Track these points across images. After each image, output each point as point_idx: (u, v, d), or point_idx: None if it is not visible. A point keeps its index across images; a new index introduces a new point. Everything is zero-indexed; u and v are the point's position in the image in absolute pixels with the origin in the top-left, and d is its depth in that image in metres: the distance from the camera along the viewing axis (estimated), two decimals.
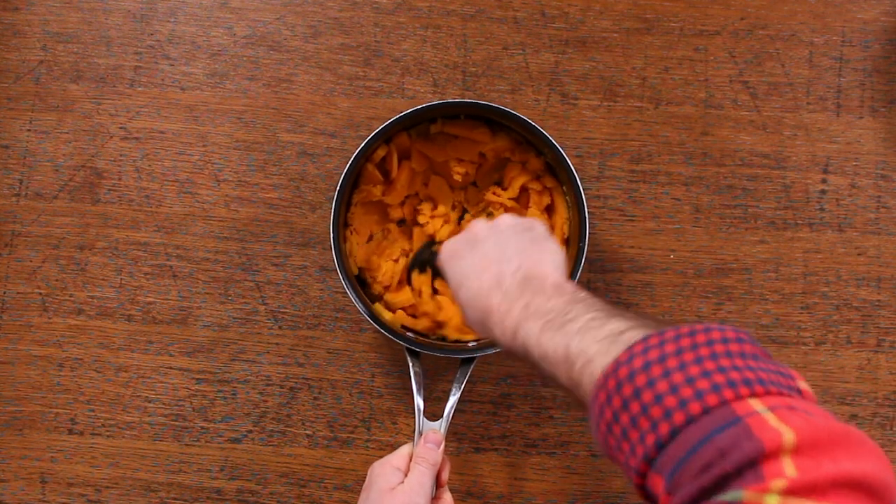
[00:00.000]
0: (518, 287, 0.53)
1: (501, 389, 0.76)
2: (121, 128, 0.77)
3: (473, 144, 0.74)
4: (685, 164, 0.77)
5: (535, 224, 0.60)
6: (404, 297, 0.73)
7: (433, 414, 0.66)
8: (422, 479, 0.61)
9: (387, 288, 0.74)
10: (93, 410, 0.75)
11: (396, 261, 0.74)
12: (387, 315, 0.72)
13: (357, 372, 0.76)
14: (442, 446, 0.64)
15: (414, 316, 0.73)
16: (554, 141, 0.68)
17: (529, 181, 0.74)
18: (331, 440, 0.75)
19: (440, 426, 0.66)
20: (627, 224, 0.77)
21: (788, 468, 0.34)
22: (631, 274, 0.76)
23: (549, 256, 0.57)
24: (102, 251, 0.76)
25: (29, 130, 0.77)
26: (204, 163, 0.77)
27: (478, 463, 0.76)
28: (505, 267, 0.55)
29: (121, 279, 0.76)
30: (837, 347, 0.76)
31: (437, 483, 0.64)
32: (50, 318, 0.76)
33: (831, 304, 0.76)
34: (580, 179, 0.68)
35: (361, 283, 0.74)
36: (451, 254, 0.60)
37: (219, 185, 0.77)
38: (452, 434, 0.75)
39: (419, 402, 0.66)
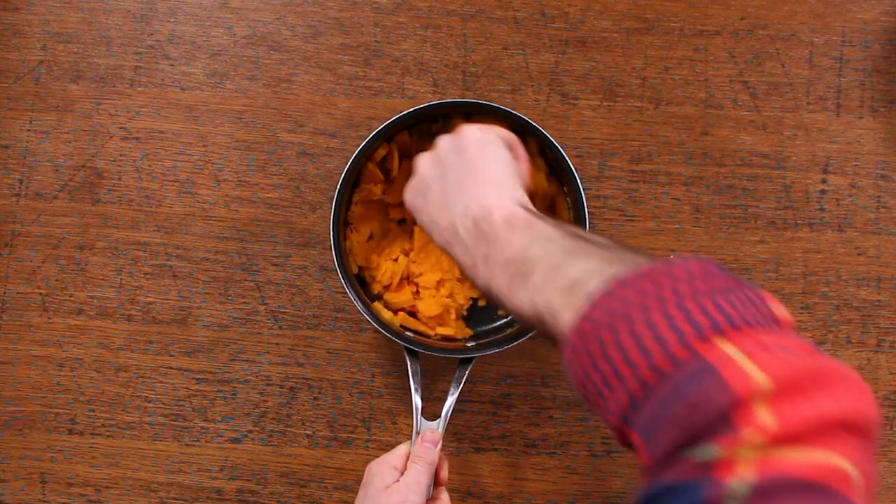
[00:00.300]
0: (472, 234, 0.50)
1: (501, 389, 0.76)
2: (121, 128, 0.77)
3: None
4: (685, 164, 0.77)
5: (465, 143, 0.54)
6: (404, 297, 0.73)
7: (432, 414, 0.66)
8: (418, 477, 0.61)
9: (386, 287, 0.74)
10: (93, 410, 0.75)
11: (396, 260, 0.74)
12: (386, 314, 0.72)
13: (357, 372, 0.76)
14: (439, 445, 0.64)
15: (413, 315, 0.73)
16: (554, 141, 0.68)
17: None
18: (331, 440, 0.75)
19: (438, 426, 0.66)
20: (627, 224, 0.77)
21: (765, 416, 0.32)
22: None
23: (489, 177, 0.52)
24: (102, 251, 0.76)
25: (29, 130, 0.77)
26: (204, 163, 0.77)
27: (478, 463, 0.76)
28: (454, 214, 0.52)
29: (121, 279, 0.76)
30: (837, 347, 0.76)
31: (436, 482, 0.64)
32: (50, 318, 0.76)
33: (831, 304, 0.76)
34: (580, 180, 0.68)
35: (361, 282, 0.74)
36: (411, 206, 0.57)
37: (219, 185, 0.77)
38: (452, 434, 0.75)
39: (417, 401, 0.66)
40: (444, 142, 0.56)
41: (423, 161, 0.57)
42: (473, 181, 0.52)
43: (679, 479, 0.33)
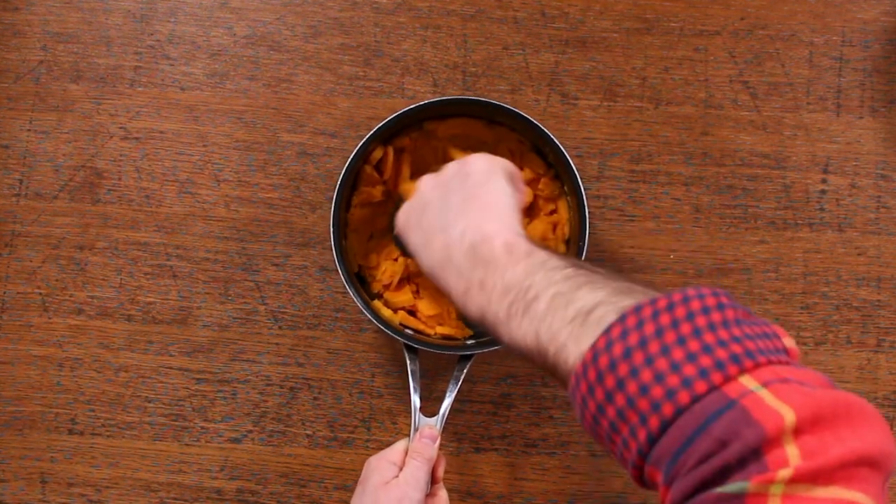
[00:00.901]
0: (468, 258, 0.49)
1: (501, 389, 0.76)
2: (121, 128, 0.77)
3: (476, 143, 0.74)
4: (685, 164, 0.77)
5: (471, 168, 0.54)
6: (404, 297, 0.73)
7: (432, 413, 0.66)
8: (416, 473, 0.61)
9: (387, 287, 0.74)
10: (93, 410, 0.75)
11: (396, 260, 0.74)
12: (385, 312, 0.72)
13: (357, 372, 0.76)
14: (437, 442, 0.64)
15: (413, 314, 0.73)
16: (557, 140, 0.68)
17: (533, 184, 0.74)
18: (331, 440, 0.75)
19: (436, 422, 0.66)
20: (627, 224, 0.77)
21: (793, 454, 0.32)
22: (631, 274, 0.76)
23: (491, 207, 0.52)
24: (102, 251, 0.76)
25: (29, 130, 0.77)
26: (204, 163, 0.77)
27: (478, 463, 0.76)
28: (450, 234, 0.51)
29: (121, 279, 0.76)
30: (837, 347, 0.76)
31: (433, 479, 0.64)
32: (50, 318, 0.76)
33: (831, 304, 0.76)
34: (581, 179, 0.68)
35: (361, 280, 0.74)
36: (404, 225, 0.56)
37: (219, 185, 0.77)
38: (452, 434, 0.75)
39: (415, 398, 0.66)
40: (450, 167, 0.56)
41: (426, 182, 0.56)
42: (474, 207, 0.52)
43: None
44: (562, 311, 0.42)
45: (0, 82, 0.78)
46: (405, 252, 0.59)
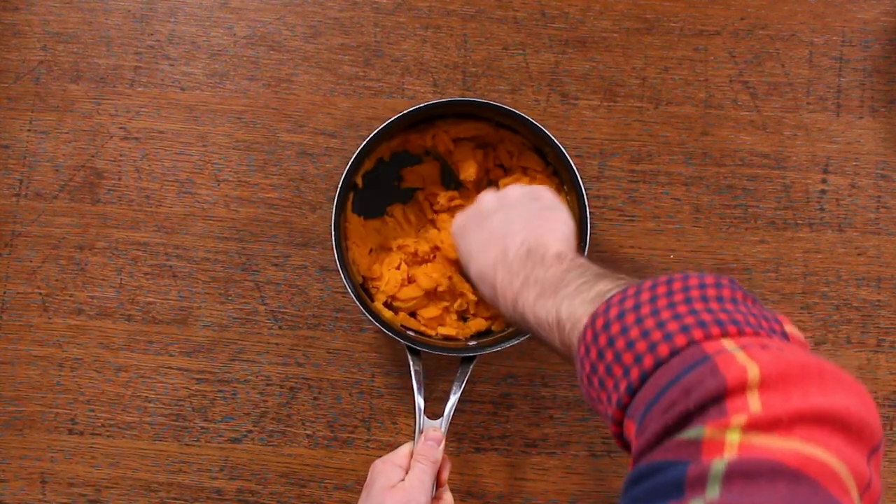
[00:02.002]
0: (520, 261, 0.53)
1: (501, 389, 0.76)
2: (121, 128, 0.77)
3: (482, 144, 0.74)
4: (685, 164, 0.77)
5: (542, 193, 0.60)
6: (412, 292, 0.73)
7: (434, 413, 0.66)
8: (422, 476, 0.61)
9: (392, 297, 0.73)
10: (93, 410, 0.75)
11: (398, 268, 0.74)
12: (387, 314, 0.72)
13: (357, 372, 0.76)
14: (442, 444, 0.64)
15: (414, 315, 0.73)
16: (557, 141, 0.68)
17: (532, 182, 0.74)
18: (331, 440, 0.75)
19: (441, 424, 0.66)
20: (627, 224, 0.77)
21: (753, 403, 0.33)
22: (631, 274, 0.76)
23: (555, 226, 0.57)
24: (102, 251, 0.76)
25: (29, 130, 0.77)
26: (204, 163, 0.77)
27: (478, 463, 0.76)
28: (510, 241, 0.55)
29: (121, 279, 0.76)
30: (837, 347, 0.76)
31: (437, 482, 0.64)
32: (50, 318, 0.76)
33: (831, 304, 0.76)
34: (581, 179, 0.68)
35: (365, 292, 0.73)
36: (461, 229, 0.61)
37: (219, 185, 0.77)
38: (452, 434, 0.75)
39: (419, 400, 0.66)
40: (515, 188, 0.61)
41: (488, 196, 0.61)
42: (539, 225, 0.57)
43: (666, 459, 0.34)
44: (584, 294, 0.46)
45: (0, 82, 0.78)
46: (467, 279, 0.65)
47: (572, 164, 0.68)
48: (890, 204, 0.77)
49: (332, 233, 0.68)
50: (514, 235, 0.56)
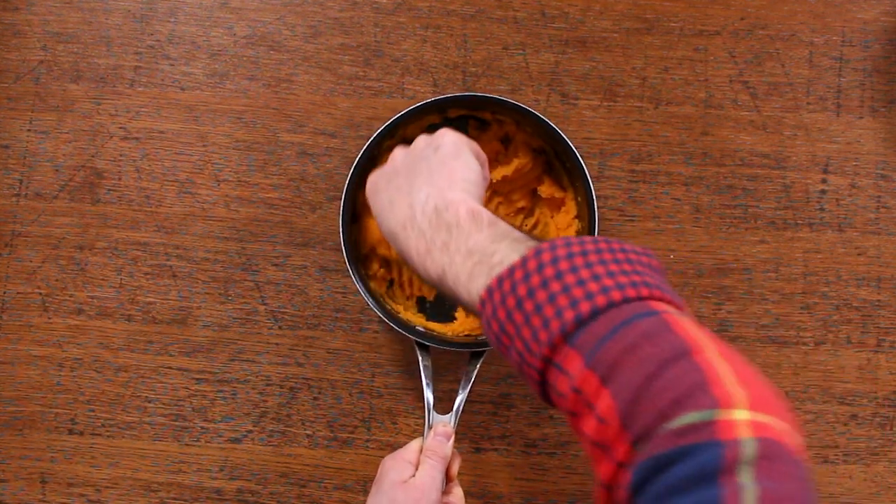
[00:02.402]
0: (430, 222, 0.51)
1: (501, 389, 0.76)
2: (121, 128, 0.77)
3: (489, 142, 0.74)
4: (685, 164, 0.77)
5: (443, 140, 0.56)
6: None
7: (440, 410, 0.66)
8: (432, 472, 0.61)
9: (409, 298, 0.74)
10: (93, 410, 0.75)
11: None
12: (398, 308, 0.71)
13: (357, 372, 0.76)
14: (452, 439, 0.64)
15: (423, 312, 0.74)
16: (566, 137, 0.68)
17: (538, 183, 0.74)
18: (331, 440, 0.75)
19: (450, 419, 0.65)
20: (627, 224, 0.77)
21: (734, 388, 0.35)
22: None
23: (460, 175, 0.54)
24: (102, 251, 0.76)
25: (29, 130, 0.77)
26: (204, 163, 0.77)
27: (478, 463, 0.76)
28: (415, 198, 0.53)
29: (121, 279, 0.76)
30: (837, 347, 0.76)
31: (447, 477, 0.63)
32: (50, 318, 0.76)
33: (831, 304, 0.76)
34: (591, 177, 0.68)
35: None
36: (371, 188, 0.58)
37: (219, 185, 0.77)
38: None
39: (429, 396, 0.66)
40: (420, 138, 0.58)
41: (398, 152, 0.58)
42: (441, 176, 0.54)
43: (677, 446, 0.34)
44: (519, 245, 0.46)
45: (0, 82, 0.78)
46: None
47: (582, 162, 0.68)
48: (890, 204, 0.77)
49: (341, 231, 0.68)
50: (418, 192, 0.53)
